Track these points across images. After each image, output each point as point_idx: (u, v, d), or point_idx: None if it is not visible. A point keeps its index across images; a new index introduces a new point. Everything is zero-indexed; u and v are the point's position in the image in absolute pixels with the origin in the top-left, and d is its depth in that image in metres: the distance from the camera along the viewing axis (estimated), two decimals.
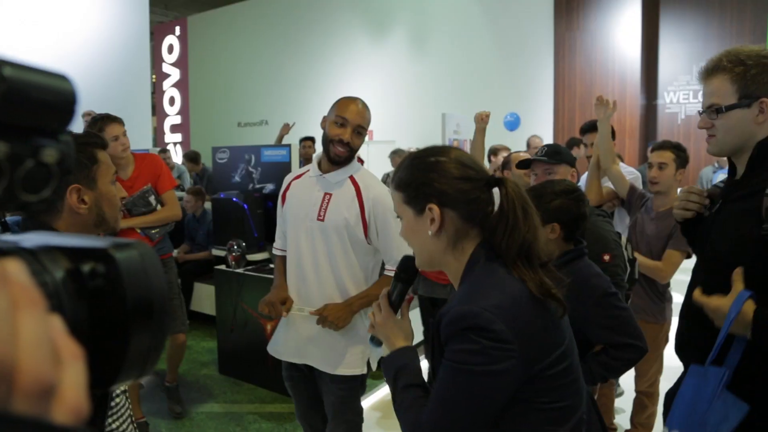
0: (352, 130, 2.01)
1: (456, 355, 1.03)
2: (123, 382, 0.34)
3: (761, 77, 1.37)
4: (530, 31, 10.04)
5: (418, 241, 1.16)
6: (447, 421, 1.04)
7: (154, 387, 4.00)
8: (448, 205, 1.11)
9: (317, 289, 2.10)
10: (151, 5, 10.37)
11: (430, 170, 1.12)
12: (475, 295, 1.05)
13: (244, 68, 13.46)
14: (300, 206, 2.12)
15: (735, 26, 8.89)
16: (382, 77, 11.63)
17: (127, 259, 0.33)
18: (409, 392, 1.13)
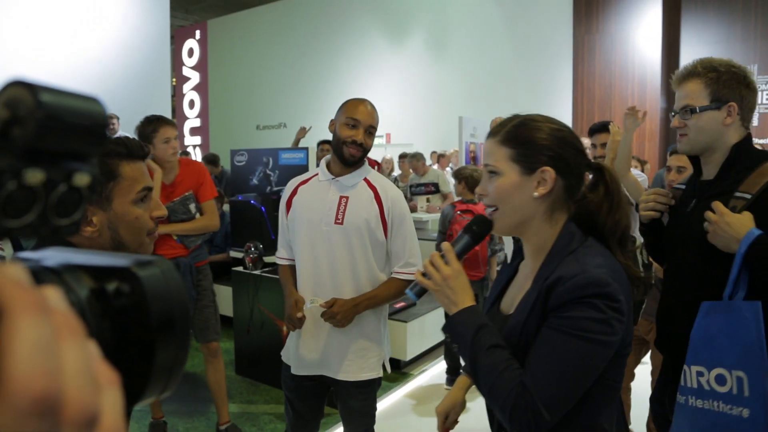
0: (364, 130, 2.03)
1: (576, 321, 1.02)
2: (149, 398, 0.34)
3: (731, 83, 1.53)
4: (549, 34, 9.97)
5: (516, 200, 1.14)
6: (559, 389, 1.02)
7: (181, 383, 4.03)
8: (560, 173, 1.13)
9: (333, 292, 2.07)
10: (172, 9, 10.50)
11: (552, 135, 1.14)
12: (596, 267, 1.05)
13: (263, 72, 13.57)
14: (313, 211, 2.08)
15: (760, 27, 8.74)
16: (401, 81, 11.64)
17: (150, 277, 0.33)
18: (497, 354, 1.08)
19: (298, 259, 2.14)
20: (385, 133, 11.07)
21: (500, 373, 1.05)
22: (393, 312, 4.36)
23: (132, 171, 1.13)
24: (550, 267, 1.10)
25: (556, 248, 1.13)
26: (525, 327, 1.09)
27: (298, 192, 2.15)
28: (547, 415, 1.00)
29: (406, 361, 4.31)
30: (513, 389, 1.03)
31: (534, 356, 1.05)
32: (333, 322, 2.04)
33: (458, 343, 1.14)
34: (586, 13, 9.69)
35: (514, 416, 1.02)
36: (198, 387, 4.05)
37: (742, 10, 8.86)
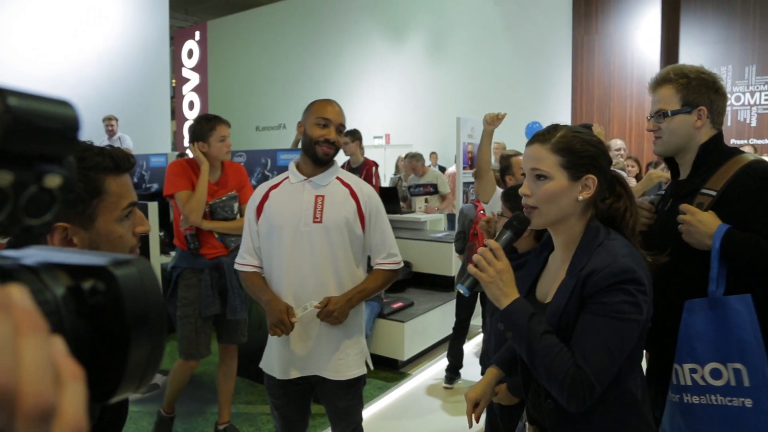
0: (334, 129, 2.08)
1: (614, 306, 1.19)
2: (122, 395, 0.35)
3: (700, 89, 1.63)
4: (548, 34, 9.98)
5: (562, 201, 1.30)
6: (605, 364, 1.18)
7: None
8: (599, 180, 1.31)
9: (317, 291, 2.07)
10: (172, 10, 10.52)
11: (596, 147, 1.32)
12: (623, 256, 1.23)
13: (262, 73, 13.59)
14: (290, 213, 2.07)
15: (758, 28, 8.74)
16: (400, 82, 11.65)
17: (126, 276, 0.34)
18: (549, 339, 1.22)
19: (276, 265, 2.11)
20: (385, 134, 11.07)
21: (555, 356, 1.19)
22: (390, 312, 4.37)
23: (118, 186, 1.04)
24: (583, 258, 1.27)
25: (585, 241, 1.30)
26: (564, 312, 1.25)
27: (270, 196, 2.14)
28: (598, 387, 1.17)
29: (403, 360, 4.32)
30: (569, 369, 1.18)
31: (579, 339, 1.21)
32: (330, 320, 2.04)
33: (513, 330, 1.26)
34: (585, 13, 9.70)
35: (572, 391, 1.17)
36: (196, 387, 4.06)
37: (741, 11, 8.86)
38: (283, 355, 2.12)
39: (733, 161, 1.59)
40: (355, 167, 5.65)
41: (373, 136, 10.90)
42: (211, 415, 3.61)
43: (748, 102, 8.86)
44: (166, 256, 5.31)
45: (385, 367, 4.32)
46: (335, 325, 2.08)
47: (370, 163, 5.67)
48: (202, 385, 4.10)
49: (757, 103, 8.81)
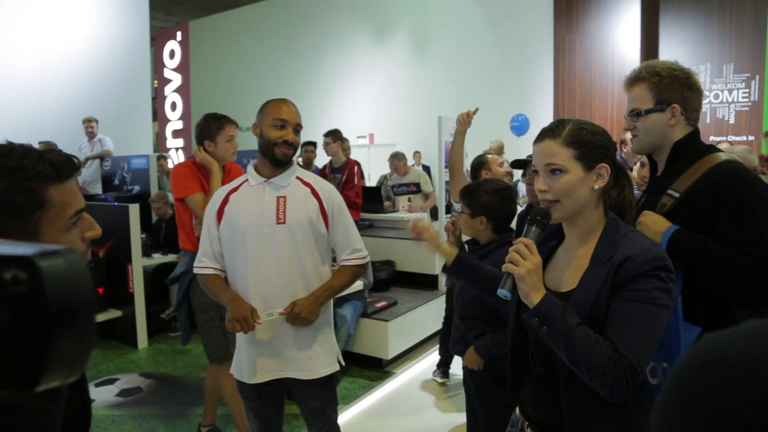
0: (292, 129, 2.07)
1: (649, 293, 1.22)
2: (48, 384, 0.35)
3: (672, 86, 1.62)
4: (530, 33, 10.05)
5: (579, 192, 1.32)
6: (645, 347, 1.20)
7: (156, 389, 4.02)
8: (611, 168, 1.34)
9: (284, 291, 2.07)
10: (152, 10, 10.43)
11: (604, 137, 1.35)
12: (651, 246, 1.27)
13: (245, 73, 13.53)
14: (252, 215, 2.06)
15: (735, 27, 8.88)
16: (384, 81, 11.65)
17: (51, 267, 0.34)
18: (584, 329, 1.23)
19: (240, 269, 2.09)
20: (369, 134, 11.08)
21: (594, 345, 1.20)
22: (374, 311, 4.38)
23: (62, 195, 0.95)
24: (610, 249, 1.29)
25: (608, 232, 1.32)
26: (597, 300, 1.26)
27: (230, 200, 2.12)
28: (640, 373, 1.19)
29: (387, 359, 4.33)
30: (611, 357, 1.18)
31: (616, 326, 1.22)
32: (299, 322, 2.05)
33: (547, 325, 1.26)
34: (566, 13, 9.78)
35: (616, 379, 1.17)
36: (179, 389, 4.04)
37: (718, 11, 8.99)
38: (253, 358, 2.11)
39: (704, 160, 1.59)
40: (337, 167, 5.66)
41: (357, 136, 10.89)
42: (195, 417, 3.60)
43: (726, 99, 8.99)
44: (148, 258, 5.28)
45: (369, 366, 4.33)
46: (302, 326, 2.07)
47: (353, 163, 5.68)
48: (186, 386, 4.09)
49: (735, 100, 8.94)
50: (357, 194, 5.57)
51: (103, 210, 5.16)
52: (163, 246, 5.56)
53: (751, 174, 1.56)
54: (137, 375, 4.31)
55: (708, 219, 1.51)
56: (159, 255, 5.41)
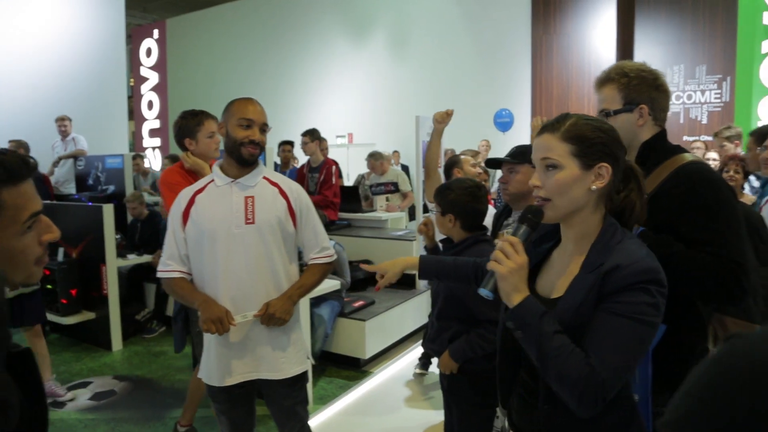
0: (258, 129, 2.06)
1: (635, 307, 1.13)
2: None
3: (640, 87, 1.63)
4: (508, 34, 10.12)
5: (574, 191, 1.23)
6: (622, 364, 1.13)
7: (130, 392, 3.97)
8: (613, 169, 1.24)
9: (255, 292, 2.06)
10: (128, 8, 10.29)
11: (609, 135, 1.25)
12: (645, 256, 1.18)
13: (223, 72, 13.41)
14: (220, 216, 2.04)
15: (707, 30, 9.04)
16: (362, 81, 11.64)
17: None
18: (561, 339, 1.16)
19: (209, 270, 2.06)
20: (348, 133, 11.06)
21: (568, 356, 1.13)
22: (351, 311, 4.37)
23: (15, 197, 0.91)
24: (602, 255, 1.20)
25: (603, 238, 1.23)
26: (580, 309, 1.18)
27: (196, 201, 2.07)
28: (611, 390, 1.12)
29: (365, 359, 4.32)
30: (583, 370, 1.12)
31: (595, 339, 1.15)
32: (274, 322, 2.04)
33: (523, 329, 1.20)
34: (543, 13, 9.86)
35: (585, 394, 1.11)
36: (154, 392, 3.99)
37: (691, 14, 9.15)
38: (223, 361, 2.09)
39: (671, 161, 1.60)
40: (315, 167, 5.64)
41: (336, 135, 10.87)
42: (170, 419, 3.56)
43: (699, 100, 9.15)
44: (123, 259, 5.21)
45: (347, 365, 4.33)
46: (277, 326, 2.06)
47: (331, 162, 5.67)
48: (161, 389, 4.04)
49: (707, 101, 9.10)
50: (335, 194, 5.56)
51: (76, 210, 5.08)
52: (138, 246, 5.49)
53: (716, 175, 1.58)
54: (111, 378, 4.25)
55: (674, 219, 1.51)
56: (134, 256, 5.34)
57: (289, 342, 2.14)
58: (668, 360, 1.46)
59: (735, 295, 1.47)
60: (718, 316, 1.65)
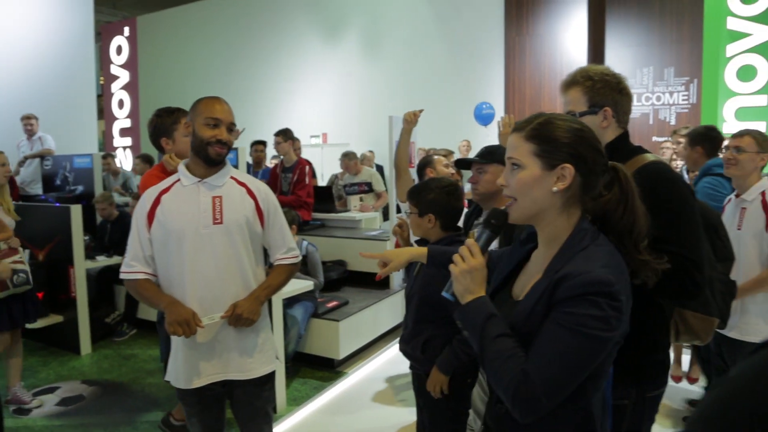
0: (225, 128, 2.04)
1: (578, 318, 1.09)
2: None
3: (604, 90, 1.67)
4: (481, 35, 10.20)
5: (535, 192, 1.21)
6: (557, 379, 1.09)
7: (99, 396, 3.90)
8: (579, 170, 1.20)
9: (223, 292, 2.04)
10: (98, 4, 10.11)
11: (576, 135, 1.21)
12: (603, 267, 1.12)
13: (195, 70, 13.25)
14: (187, 216, 2.01)
15: (674, 33, 9.24)
16: (336, 80, 11.61)
17: None
18: (504, 342, 1.15)
19: (176, 272, 2.03)
20: (322, 133, 11.02)
21: (505, 360, 1.12)
22: (325, 312, 4.36)
23: None
24: (561, 261, 1.17)
25: (569, 243, 1.20)
26: (531, 315, 1.16)
27: (162, 201, 2.04)
28: (546, 401, 1.09)
29: (339, 359, 4.32)
30: (516, 376, 1.10)
31: (536, 346, 1.12)
32: (242, 323, 2.03)
33: (468, 329, 1.20)
34: (516, 15, 9.96)
35: (515, 399, 1.11)
36: (125, 396, 3.92)
37: (659, 17, 9.34)
38: (192, 363, 2.07)
39: (632, 161, 1.63)
40: (288, 166, 5.61)
41: (310, 135, 10.82)
42: (141, 424, 3.50)
43: (668, 101, 9.34)
44: (92, 261, 5.11)
45: (321, 366, 4.31)
46: (245, 327, 2.06)
47: (304, 162, 5.64)
48: (131, 393, 3.97)
49: (675, 102, 9.30)
50: (308, 194, 5.54)
51: (43, 211, 4.97)
52: (108, 248, 5.39)
53: (675, 175, 1.62)
54: (79, 382, 4.17)
55: None
56: (104, 257, 5.25)
57: (257, 342, 2.13)
58: (630, 354, 1.49)
59: (689, 291, 1.51)
60: (679, 311, 1.69)
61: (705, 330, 1.70)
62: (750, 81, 8.09)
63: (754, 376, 0.49)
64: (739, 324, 2.63)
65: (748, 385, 0.48)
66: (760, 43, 8.04)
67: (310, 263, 4.41)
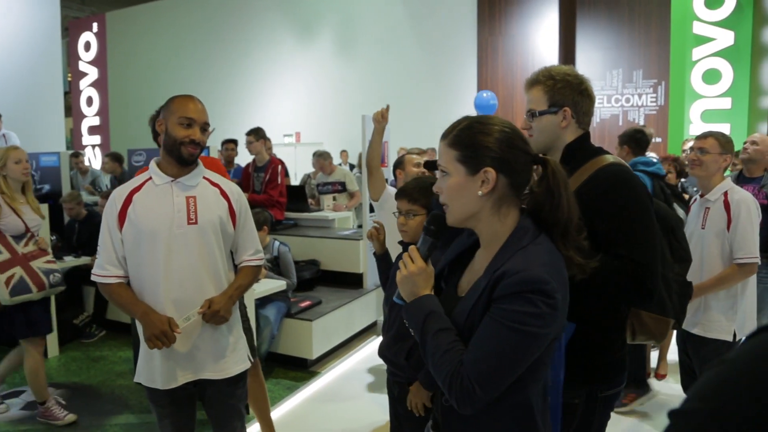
0: (199, 128, 2.03)
1: (514, 315, 1.12)
2: None
3: (565, 90, 1.68)
4: (454, 34, 10.27)
5: (463, 198, 1.24)
6: (492, 372, 1.13)
7: (67, 399, 3.83)
8: (503, 172, 1.21)
9: (195, 292, 2.03)
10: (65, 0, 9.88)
11: (496, 138, 1.22)
12: (540, 265, 1.15)
13: (166, 68, 13.07)
14: (161, 216, 1.99)
15: (642, 36, 9.43)
16: (309, 79, 11.57)
17: None
18: (444, 336, 1.19)
19: (149, 272, 2.00)
20: (295, 132, 10.97)
21: (443, 354, 1.17)
22: (298, 311, 4.35)
23: None
24: (501, 260, 1.20)
25: (508, 243, 1.23)
26: (471, 312, 1.20)
27: (134, 201, 2.01)
28: (481, 393, 1.13)
29: (312, 359, 4.31)
30: (453, 368, 1.14)
31: (474, 341, 1.16)
32: (216, 320, 2.03)
33: (412, 326, 1.25)
34: (489, 15, 10.06)
35: (452, 390, 1.14)
36: (93, 399, 3.86)
37: (628, 21, 9.53)
38: (166, 365, 2.04)
39: (592, 162, 1.64)
40: (260, 166, 5.57)
41: (283, 134, 10.76)
42: (110, 427, 3.45)
43: (637, 103, 9.53)
44: (60, 261, 5.00)
45: (294, 366, 4.30)
46: (219, 325, 2.06)
47: (276, 162, 5.61)
48: (100, 396, 3.91)
49: (644, 104, 9.50)
50: (281, 193, 5.51)
51: None
52: (76, 248, 5.29)
53: (633, 177, 1.63)
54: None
55: (593, 219, 1.53)
56: (72, 258, 5.14)
57: (230, 341, 2.13)
58: (585, 354, 1.52)
59: (641, 297, 1.53)
60: (635, 311, 1.71)
61: (660, 330, 1.72)
62: (715, 84, 8.30)
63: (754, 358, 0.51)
64: (702, 321, 2.70)
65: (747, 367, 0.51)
66: (725, 48, 8.26)
67: (283, 263, 4.38)
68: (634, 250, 1.50)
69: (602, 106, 9.89)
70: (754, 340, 0.53)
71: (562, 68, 1.73)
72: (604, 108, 9.85)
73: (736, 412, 0.49)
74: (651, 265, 1.50)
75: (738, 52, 8.23)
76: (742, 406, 0.48)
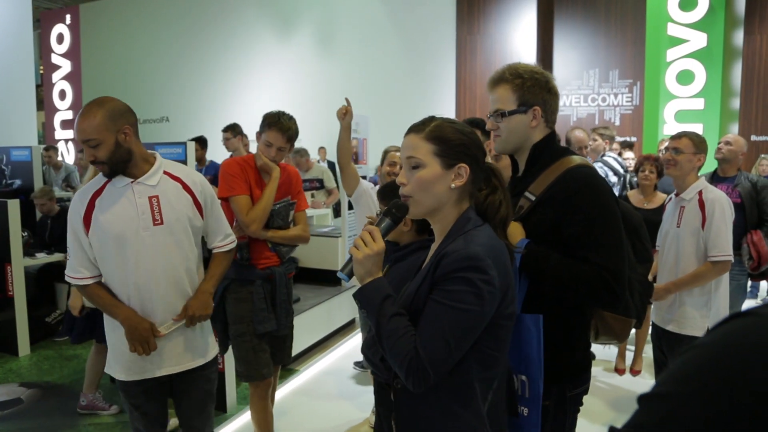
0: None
1: (455, 294, 1.20)
2: None
3: (534, 89, 1.65)
4: (433, 33, 10.29)
5: (435, 189, 1.31)
6: (442, 351, 1.20)
7: (38, 399, 3.75)
8: (472, 169, 1.33)
9: (168, 292, 2.03)
10: None
11: (469, 137, 1.34)
12: (477, 245, 1.24)
13: (143, 61, 12.85)
14: (125, 220, 1.97)
15: (619, 37, 9.56)
16: (288, 75, 11.49)
17: None
18: (398, 321, 1.25)
19: (119, 277, 2.00)
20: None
21: (398, 338, 1.23)
22: None
23: None
24: (445, 244, 1.29)
25: (453, 229, 1.32)
26: (416, 295, 1.28)
27: (96, 205, 1.99)
28: (432, 373, 1.20)
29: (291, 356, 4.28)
30: (408, 352, 1.21)
31: (422, 324, 1.23)
32: (198, 321, 2.07)
33: (366, 309, 1.30)
34: (468, 14, 10.10)
35: (408, 374, 1.21)
36: (66, 398, 3.78)
37: (604, 21, 9.65)
38: (136, 356, 2.03)
39: (559, 163, 1.62)
40: None
41: None
42: (84, 427, 3.39)
43: (612, 103, 9.67)
44: (31, 258, 4.90)
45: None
46: (203, 321, 2.11)
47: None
48: (73, 395, 3.83)
49: (619, 104, 9.64)
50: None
51: None
52: (49, 245, 5.18)
53: (599, 180, 1.62)
54: (17, 385, 3.99)
55: (559, 222, 1.54)
56: (44, 254, 5.04)
57: (197, 329, 2.14)
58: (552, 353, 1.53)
59: (607, 301, 1.53)
60: (599, 312, 1.71)
61: (623, 330, 1.73)
62: (688, 85, 8.46)
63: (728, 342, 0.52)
64: (676, 318, 2.75)
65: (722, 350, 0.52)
66: (698, 49, 8.42)
67: None
68: (600, 255, 1.49)
69: (579, 105, 10.01)
70: (726, 326, 0.54)
71: (528, 65, 1.70)
72: (581, 107, 9.97)
73: (711, 394, 0.49)
74: (620, 271, 1.50)
75: (710, 54, 8.40)
76: (717, 389, 0.49)
